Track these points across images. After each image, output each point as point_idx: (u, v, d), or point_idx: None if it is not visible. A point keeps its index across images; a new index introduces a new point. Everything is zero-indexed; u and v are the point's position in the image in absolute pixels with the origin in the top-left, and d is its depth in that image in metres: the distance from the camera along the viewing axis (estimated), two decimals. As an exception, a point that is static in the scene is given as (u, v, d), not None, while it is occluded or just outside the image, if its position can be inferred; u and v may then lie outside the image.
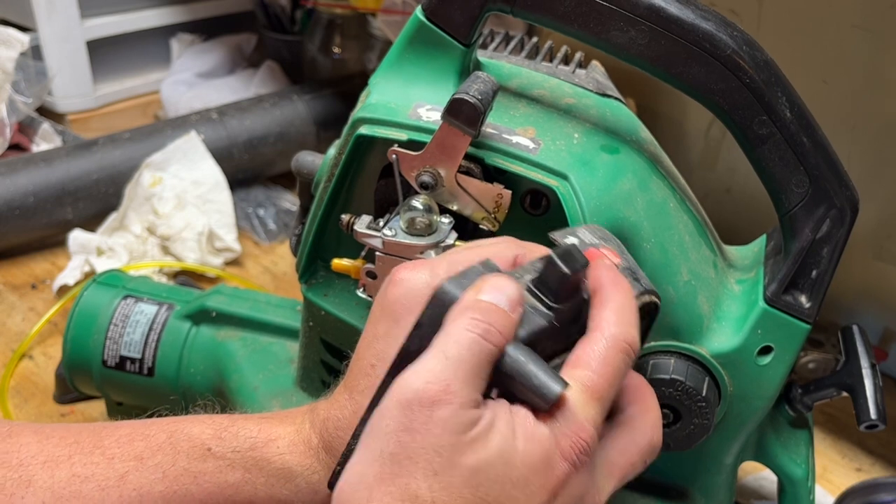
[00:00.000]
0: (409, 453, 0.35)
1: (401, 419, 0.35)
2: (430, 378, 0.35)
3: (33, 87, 1.15)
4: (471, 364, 0.36)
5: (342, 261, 0.51)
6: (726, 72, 0.46)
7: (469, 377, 0.36)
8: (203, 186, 1.02)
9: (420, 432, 0.35)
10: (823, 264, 0.50)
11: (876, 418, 0.52)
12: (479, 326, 0.36)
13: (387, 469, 0.35)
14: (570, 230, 0.44)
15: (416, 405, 0.35)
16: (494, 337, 0.36)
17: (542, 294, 0.38)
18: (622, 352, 0.38)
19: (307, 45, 1.30)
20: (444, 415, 0.35)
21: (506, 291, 0.37)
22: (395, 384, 0.36)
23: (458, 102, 0.44)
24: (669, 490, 0.56)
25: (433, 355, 0.36)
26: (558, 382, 0.36)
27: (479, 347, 0.36)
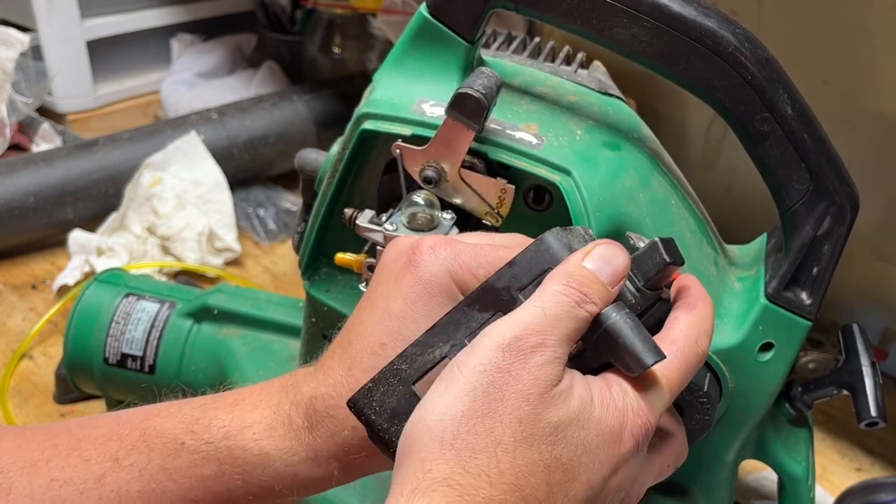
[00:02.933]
0: (502, 394, 0.35)
1: (497, 360, 0.35)
2: (529, 329, 0.36)
3: (33, 88, 1.15)
4: (566, 326, 0.36)
5: (345, 255, 0.51)
6: (728, 68, 0.46)
7: (563, 338, 0.36)
8: (203, 186, 1.02)
9: (514, 376, 0.35)
10: (824, 261, 0.50)
11: (876, 416, 0.52)
12: (576, 294, 0.37)
13: (478, 405, 0.35)
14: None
15: (515, 350, 0.35)
16: (590, 308, 0.37)
17: (634, 276, 0.39)
18: (697, 356, 0.40)
19: (307, 45, 1.30)
20: (538, 364, 0.35)
21: (612, 263, 0.38)
22: (493, 328, 0.36)
23: (462, 97, 0.45)
24: (670, 487, 0.56)
25: (531, 310, 0.37)
26: (656, 353, 0.37)
27: (574, 312, 0.37)
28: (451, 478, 0.33)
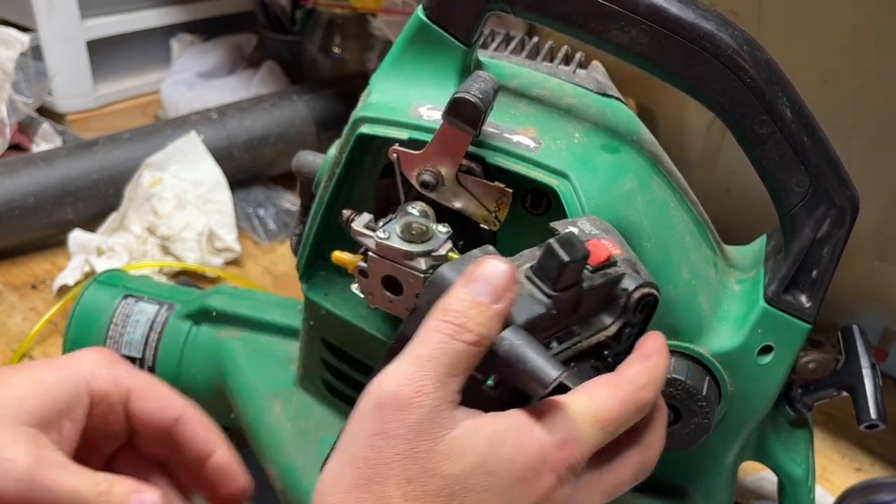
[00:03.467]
0: (383, 458, 0.34)
1: (374, 423, 0.35)
2: (403, 380, 0.35)
3: (33, 88, 1.15)
4: (444, 363, 0.35)
5: (342, 254, 0.51)
6: (727, 71, 0.46)
7: (443, 377, 0.35)
8: (203, 186, 1.02)
9: (394, 437, 0.34)
10: (824, 264, 0.50)
11: (876, 418, 0.52)
12: (447, 327, 0.36)
13: (361, 474, 0.34)
14: (571, 221, 0.44)
15: (390, 408, 0.35)
16: (466, 335, 0.36)
17: (540, 281, 0.38)
18: (638, 403, 0.39)
19: (307, 45, 1.30)
20: (419, 418, 0.34)
21: (493, 280, 0.36)
22: (370, 387, 0.35)
23: (459, 102, 0.44)
24: (669, 490, 0.56)
25: (406, 356, 0.36)
26: (556, 367, 0.35)
27: (450, 346, 0.35)
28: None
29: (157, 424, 0.45)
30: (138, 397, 0.44)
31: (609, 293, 0.41)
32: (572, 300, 0.39)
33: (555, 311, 0.38)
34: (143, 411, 0.44)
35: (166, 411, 0.45)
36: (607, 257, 0.41)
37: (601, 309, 0.42)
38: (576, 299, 0.39)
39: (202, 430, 0.45)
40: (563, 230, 0.43)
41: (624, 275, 0.41)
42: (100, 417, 0.44)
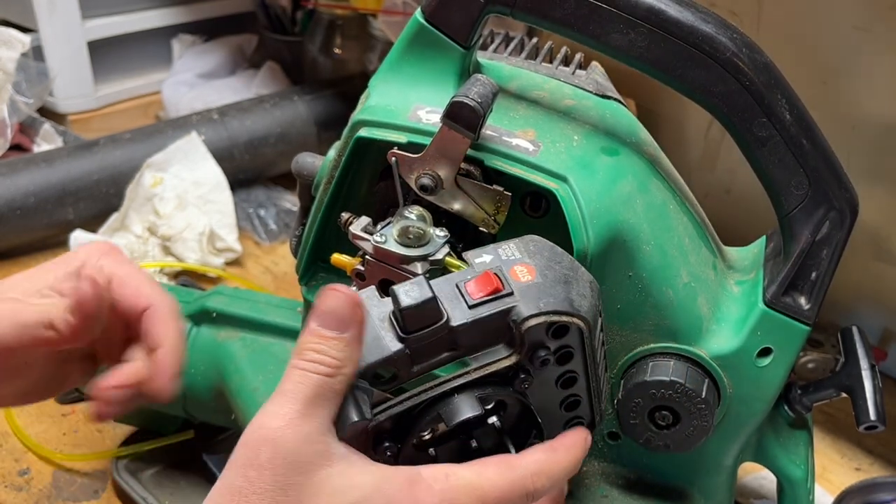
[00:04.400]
0: (256, 489, 0.35)
1: (248, 454, 0.36)
2: (272, 415, 0.36)
3: (34, 88, 1.15)
4: (306, 395, 0.37)
5: (341, 256, 0.51)
6: (726, 74, 0.46)
7: (308, 408, 0.37)
8: (204, 187, 1.02)
9: (266, 468, 0.36)
10: (823, 266, 0.50)
11: (875, 419, 0.52)
12: (303, 363, 0.38)
13: (235, 502, 0.35)
14: (493, 246, 0.44)
15: (262, 440, 0.36)
16: (321, 368, 0.37)
17: (396, 324, 0.40)
18: (526, 494, 0.40)
19: (308, 45, 1.30)
20: (290, 449, 0.36)
21: (336, 311, 0.38)
22: (249, 426, 0.37)
23: (457, 105, 0.45)
24: (669, 491, 0.56)
25: (275, 394, 0.37)
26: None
27: (309, 379, 0.37)
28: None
29: (130, 311, 0.50)
30: (118, 284, 0.50)
31: (502, 324, 0.41)
32: (439, 338, 0.40)
33: (409, 351, 0.40)
34: (120, 296, 0.50)
35: (139, 300, 0.50)
36: (492, 290, 0.41)
37: (498, 340, 0.42)
38: (446, 336, 0.40)
39: (161, 325, 0.50)
40: (475, 260, 0.43)
41: (515, 306, 0.41)
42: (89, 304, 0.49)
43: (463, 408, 0.40)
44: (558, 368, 0.43)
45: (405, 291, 0.39)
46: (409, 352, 0.40)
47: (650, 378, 0.50)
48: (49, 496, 0.68)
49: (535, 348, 0.41)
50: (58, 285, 0.48)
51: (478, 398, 0.41)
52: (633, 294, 0.49)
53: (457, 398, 0.41)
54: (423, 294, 0.39)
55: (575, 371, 0.44)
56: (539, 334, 0.41)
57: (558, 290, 0.42)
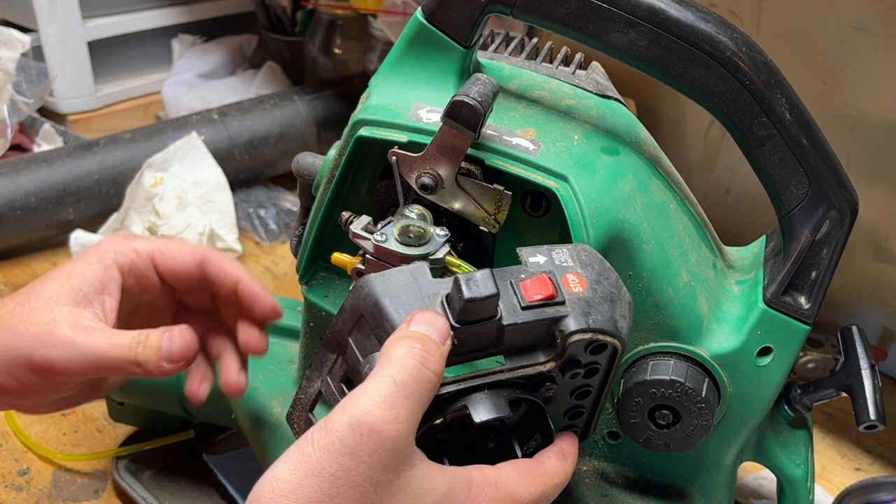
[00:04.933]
0: (350, 480, 0.34)
1: (349, 442, 0.35)
2: (382, 404, 0.35)
3: (35, 88, 1.15)
4: (417, 392, 0.36)
5: (342, 255, 0.51)
6: (726, 73, 0.46)
7: (415, 408, 0.36)
8: (204, 187, 1.02)
9: (365, 461, 0.35)
10: (823, 265, 0.50)
11: (875, 419, 0.52)
12: (419, 355, 0.36)
13: (325, 489, 0.34)
14: (547, 248, 0.44)
15: (367, 430, 0.35)
16: (433, 366, 0.37)
17: (449, 311, 0.39)
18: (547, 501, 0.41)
19: (308, 45, 1.30)
20: (393, 447, 0.35)
21: (436, 325, 0.38)
22: (347, 403, 0.36)
23: (458, 105, 0.45)
24: (669, 490, 0.56)
25: (381, 379, 0.36)
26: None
27: (422, 375, 0.36)
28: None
29: (185, 273, 0.50)
30: (161, 257, 0.50)
31: (546, 331, 0.41)
32: (486, 333, 0.40)
33: (455, 342, 0.39)
34: (170, 267, 0.50)
35: (189, 259, 0.50)
36: (547, 297, 0.41)
37: (538, 345, 0.42)
38: (493, 332, 0.40)
39: (225, 265, 0.51)
40: (528, 259, 0.43)
41: (565, 316, 0.41)
42: (137, 286, 0.50)
43: (492, 406, 0.40)
44: (581, 381, 0.43)
45: (471, 282, 0.39)
46: (456, 341, 0.39)
47: (650, 377, 0.50)
48: (49, 496, 0.68)
49: (570, 361, 0.42)
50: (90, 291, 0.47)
51: (506, 399, 0.41)
52: (633, 293, 0.49)
53: (486, 394, 0.40)
54: (489, 289, 0.39)
55: (592, 386, 0.44)
56: (579, 349, 0.41)
57: (605, 308, 0.42)
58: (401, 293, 0.40)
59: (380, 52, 1.21)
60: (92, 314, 0.47)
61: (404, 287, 0.40)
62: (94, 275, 0.48)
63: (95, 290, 0.47)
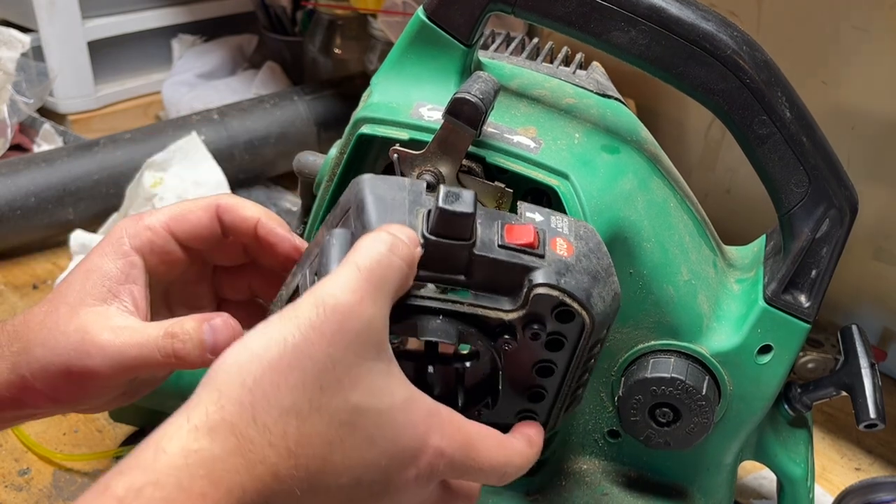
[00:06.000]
0: (312, 352, 0.35)
1: (313, 318, 0.35)
2: (346, 287, 0.36)
3: (34, 88, 1.15)
4: (383, 278, 0.36)
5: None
6: (726, 72, 0.46)
7: (379, 293, 0.36)
8: (204, 187, 1.02)
9: (327, 337, 0.35)
10: (823, 264, 0.50)
11: (875, 417, 0.52)
12: (387, 240, 0.37)
13: (287, 357, 0.34)
14: (549, 211, 0.44)
15: (330, 309, 0.35)
16: (400, 252, 0.37)
17: (426, 223, 0.40)
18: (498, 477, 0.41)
19: (308, 45, 1.30)
20: (353, 328, 0.35)
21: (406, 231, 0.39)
22: (314, 288, 0.36)
23: (459, 102, 0.45)
24: (669, 489, 0.57)
25: (346, 265, 0.36)
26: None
27: (388, 261, 0.37)
28: (238, 425, 0.33)
29: (205, 232, 0.48)
30: (176, 224, 0.47)
31: (516, 280, 0.41)
32: (457, 257, 0.40)
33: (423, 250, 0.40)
34: (187, 231, 0.47)
35: (204, 215, 0.47)
36: (526, 243, 0.41)
37: (506, 292, 0.41)
38: (464, 259, 0.40)
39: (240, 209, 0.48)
40: (526, 213, 0.43)
41: (536, 268, 0.41)
42: (163, 264, 0.47)
43: (440, 329, 0.40)
44: (543, 352, 0.43)
45: (450, 195, 0.39)
46: (424, 252, 0.39)
47: (651, 375, 0.50)
48: (49, 496, 0.68)
49: (534, 318, 0.41)
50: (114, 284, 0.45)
51: (458, 330, 0.41)
52: (633, 291, 0.49)
53: (440, 320, 0.41)
54: (465, 206, 0.39)
55: (555, 364, 0.43)
56: (544, 307, 0.41)
57: (584, 279, 0.42)
58: (388, 197, 0.41)
59: (380, 52, 1.21)
60: (120, 309, 0.45)
61: (395, 192, 0.41)
62: (114, 266, 0.45)
63: (118, 281, 0.45)
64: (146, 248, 0.46)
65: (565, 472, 0.56)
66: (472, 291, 0.41)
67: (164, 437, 0.33)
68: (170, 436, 0.33)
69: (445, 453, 0.38)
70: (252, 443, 0.33)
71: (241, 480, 0.33)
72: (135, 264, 0.46)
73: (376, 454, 0.36)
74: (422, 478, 0.38)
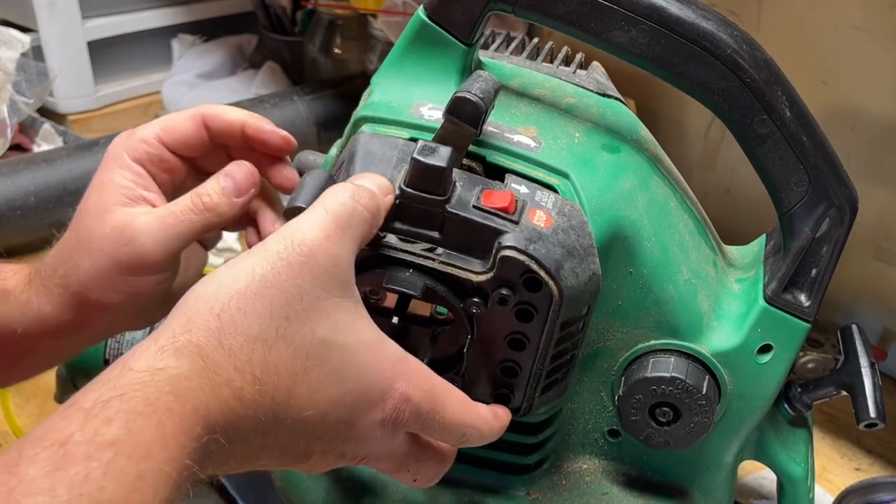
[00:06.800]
0: (280, 282, 0.36)
1: (282, 251, 0.36)
2: (314, 225, 0.37)
3: (34, 88, 1.15)
4: (348, 222, 0.38)
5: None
6: (726, 71, 0.46)
7: (345, 234, 0.38)
8: (204, 187, 1.02)
9: (295, 269, 0.36)
10: (823, 263, 0.50)
11: (875, 417, 0.52)
12: (351, 190, 0.39)
13: (254, 286, 0.35)
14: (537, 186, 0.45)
15: (298, 243, 0.36)
16: (364, 201, 0.39)
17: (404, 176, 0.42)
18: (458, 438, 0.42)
19: (308, 45, 1.30)
20: (320, 262, 0.36)
21: (378, 180, 0.41)
22: (285, 226, 0.38)
23: (459, 101, 0.45)
24: (669, 488, 0.57)
25: (315, 208, 0.38)
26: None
27: (353, 207, 0.38)
28: (205, 348, 0.34)
29: (195, 141, 0.50)
30: (167, 135, 0.50)
31: (488, 241, 0.42)
32: (431, 212, 0.41)
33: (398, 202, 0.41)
34: (177, 140, 0.50)
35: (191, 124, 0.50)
36: (501, 207, 0.42)
37: (478, 253, 0.42)
38: (438, 216, 0.41)
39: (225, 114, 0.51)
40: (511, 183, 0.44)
41: (506, 232, 0.41)
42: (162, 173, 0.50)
43: (406, 281, 0.41)
44: (514, 322, 0.43)
45: (426, 149, 0.40)
46: (399, 204, 0.41)
47: (651, 374, 0.50)
48: (49, 494, 0.68)
49: (502, 282, 0.42)
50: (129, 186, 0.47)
51: (426, 285, 0.41)
52: (633, 290, 0.49)
53: (409, 272, 0.42)
54: (438, 160, 0.40)
55: (527, 337, 0.44)
56: (513, 273, 0.41)
57: (556, 250, 0.42)
58: (378, 153, 0.43)
59: (380, 52, 1.21)
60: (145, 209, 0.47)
61: (385, 150, 0.43)
62: (123, 177, 0.48)
63: (132, 190, 0.47)
64: (144, 158, 0.49)
65: (565, 471, 0.56)
66: (445, 250, 0.42)
67: (132, 358, 0.34)
68: (136, 356, 0.34)
69: (412, 400, 0.39)
70: (218, 365, 0.34)
71: (206, 400, 0.33)
72: (141, 174, 0.48)
73: (342, 391, 0.37)
74: (387, 423, 0.39)
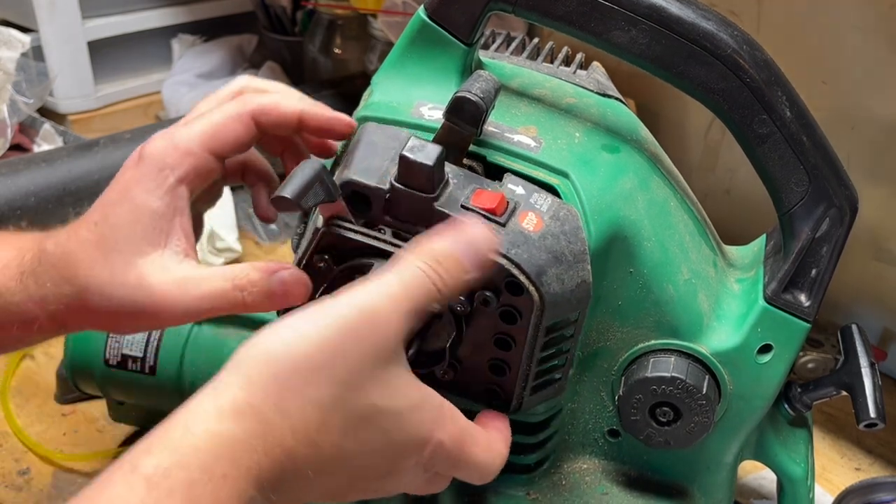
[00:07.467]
0: (343, 352, 0.36)
1: (348, 315, 0.36)
2: (385, 293, 0.37)
3: (34, 88, 1.15)
4: (417, 302, 0.38)
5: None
6: (726, 71, 0.46)
7: (411, 310, 0.38)
8: (204, 186, 1.02)
9: (357, 338, 0.36)
10: (823, 263, 0.50)
11: (875, 417, 0.52)
12: (429, 269, 0.38)
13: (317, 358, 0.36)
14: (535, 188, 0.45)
15: (367, 312, 0.37)
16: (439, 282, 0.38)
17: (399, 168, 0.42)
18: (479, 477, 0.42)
19: (308, 45, 1.30)
20: (385, 335, 0.37)
21: (481, 248, 0.40)
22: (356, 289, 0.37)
23: (460, 101, 0.45)
24: (669, 488, 0.57)
25: (394, 273, 0.38)
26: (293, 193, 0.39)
27: (425, 286, 0.38)
28: (263, 411, 0.34)
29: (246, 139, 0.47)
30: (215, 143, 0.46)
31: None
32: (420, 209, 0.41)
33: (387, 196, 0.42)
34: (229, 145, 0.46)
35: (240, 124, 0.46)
36: (489, 208, 0.42)
37: None
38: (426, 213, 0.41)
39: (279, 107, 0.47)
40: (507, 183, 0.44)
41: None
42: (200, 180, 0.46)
43: None
44: (499, 323, 0.44)
45: (416, 146, 0.40)
46: (388, 197, 0.41)
47: (651, 374, 0.50)
48: (49, 496, 0.68)
49: (485, 285, 0.42)
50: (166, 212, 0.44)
51: None
52: (634, 290, 0.49)
53: None
54: (425, 158, 0.40)
55: (513, 339, 0.44)
56: (495, 275, 0.42)
57: (541, 256, 0.42)
58: (380, 144, 0.43)
59: (380, 52, 1.21)
60: (176, 251, 0.44)
61: (388, 141, 0.43)
62: (162, 202, 0.44)
63: (168, 218, 0.44)
64: (191, 175, 0.45)
65: (565, 471, 0.56)
66: None
67: (191, 417, 0.34)
68: (195, 414, 0.34)
69: (445, 446, 0.40)
70: (274, 426, 0.34)
71: (258, 460, 0.34)
72: (181, 196, 0.45)
73: (388, 446, 0.38)
74: (420, 465, 0.40)
